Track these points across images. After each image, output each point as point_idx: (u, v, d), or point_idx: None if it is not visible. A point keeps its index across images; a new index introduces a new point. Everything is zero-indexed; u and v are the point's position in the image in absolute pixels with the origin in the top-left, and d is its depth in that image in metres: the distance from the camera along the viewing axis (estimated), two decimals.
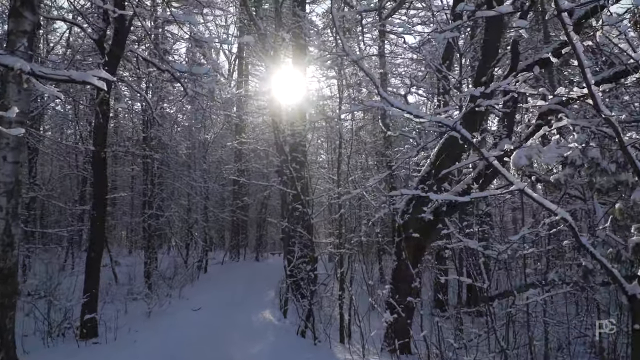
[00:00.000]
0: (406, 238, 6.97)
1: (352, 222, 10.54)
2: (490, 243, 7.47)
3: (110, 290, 12.40)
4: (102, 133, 7.99)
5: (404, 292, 7.24)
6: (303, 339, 8.58)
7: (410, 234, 7.01)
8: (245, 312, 10.77)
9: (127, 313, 10.71)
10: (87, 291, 7.84)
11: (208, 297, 12.37)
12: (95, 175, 8.02)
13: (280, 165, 11.80)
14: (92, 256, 7.94)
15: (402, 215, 7.21)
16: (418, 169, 8.85)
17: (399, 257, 7.37)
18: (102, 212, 8.07)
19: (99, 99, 7.85)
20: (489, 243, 7.39)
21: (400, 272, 7.34)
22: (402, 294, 7.19)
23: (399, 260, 7.33)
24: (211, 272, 16.99)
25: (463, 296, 11.94)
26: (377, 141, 15.53)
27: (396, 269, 7.41)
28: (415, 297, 7.24)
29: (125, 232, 23.85)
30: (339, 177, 9.07)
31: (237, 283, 14.69)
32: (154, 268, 14.59)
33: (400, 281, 7.31)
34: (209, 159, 17.07)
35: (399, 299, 7.11)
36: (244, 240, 22.19)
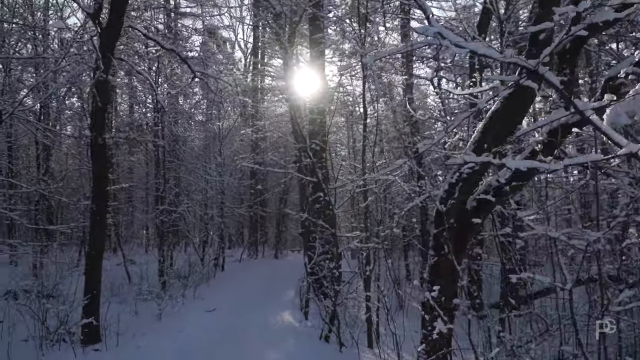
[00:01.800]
0: (448, 229, 5.96)
1: (378, 214, 9.56)
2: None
3: (121, 290, 11.74)
4: (101, 117, 7.21)
5: (446, 292, 6.23)
6: (327, 344, 7.67)
7: (453, 225, 5.99)
8: (263, 313, 9.91)
9: (137, 314, 9.99)
10: (88, 293, 7.08)
11: (224, 296, 11.58)
12: (93, 164, 7.25)
13: (299, 153, 10.89)
14: (92, 254, 7.18)
15: (442, 202, 6.21)
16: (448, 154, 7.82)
17: (438, 251, 6.36)
18: (103, 206, 7.30)
19: (96, 80, 7.06)
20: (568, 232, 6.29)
21: (440, 268, 6.32)
22: (443, 295, 6.18)
23: (438, 255, 6.32)
24: (228, 270, 16.23)
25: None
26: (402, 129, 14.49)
27: (435, 266, 6.40)
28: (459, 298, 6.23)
29: (144, 229, 23.37)
30: (364, 165, 8.11)
31: (255, 282, 13.88)
32: (169, 266, 13.90)
33: (441, 279, 6.30)
34: (224, 152, 16.26)
35: (439, 300, 6.11)
36: (262, 237, 21.39)
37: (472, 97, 9.66)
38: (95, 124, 7.18)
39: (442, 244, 6.30)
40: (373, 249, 8.18)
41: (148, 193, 18.64)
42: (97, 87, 7.10)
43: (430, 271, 6.69)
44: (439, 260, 6.43)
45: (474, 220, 6.65)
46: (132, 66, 7.74)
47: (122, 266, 13.83)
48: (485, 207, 6.49)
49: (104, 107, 7.28)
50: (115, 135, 7.76)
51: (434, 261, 6.53)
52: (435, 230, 6.54)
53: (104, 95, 7.24)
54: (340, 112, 15.17)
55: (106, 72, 7.23)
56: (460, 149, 8.06)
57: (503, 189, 6.12)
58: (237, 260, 18.32)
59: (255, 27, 20.49)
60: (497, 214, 7.91)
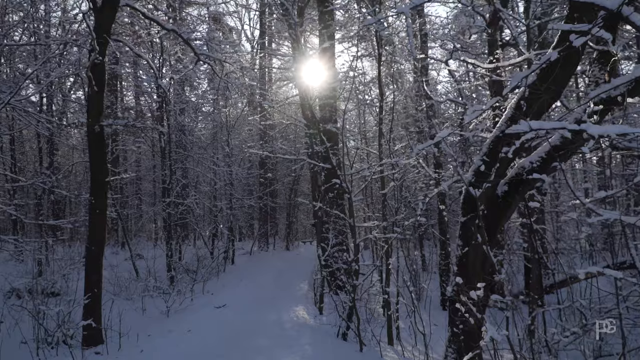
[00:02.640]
0: (479, 216, 5.38)
1: (395, 202, 8.97)
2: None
3: (129, 286, 11.33)
4: (97, 103, 6.68)
5: (476, 285, 5.64)
6: (345, 342, 7.13)
7: (483, 211, 5.42)
8: (276, 308, 9.41)
9: (145, 312, 9.56)
10: (88, 292, 6.60)
11: (234, 291, 11.10)
12: (91, 153, 6.74)
13: (310, 140, 10.32)
14: (92, 250, 6.69)
15: (471, 186, 5.62)
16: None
17: (467, 241, 5.79)
18: (102, 199, 6.80)
19: (91, 63, 6.52)
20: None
21: (470, 259, 5.76)
22: (472, 288, 5.60)
23: (468, 245, 5.75)
24: (238, 263, 15.77)
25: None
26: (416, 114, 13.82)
27: (464, 256, 5.83)
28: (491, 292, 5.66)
29: (153, 223, 23.02)
30: (381, 150, 7.51)
31: (267, 275, 13.39)
32: (177, 261, 13.48)
33: (471, 271, 5.73)
34: (232, 142, 15.72)
35: (469, 295, 5.53)
36: (273, 229, 20.90)
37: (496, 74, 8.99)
38: (91, 110, 6.66)
39: (472, 233, 5.74)
40: (393, 240, 7.61)
41: (155, 186, 18.23)
42: (93, 70, 6.56)
43: (459, 262, 6.12)
44: (468, 251, 5.87)
45: (506, 205, 6.07)
46: (131, 47, 7.19)
47: (130, 261, 13.42)
48: (518, 192, 5.89)
49: (101, 92, 6.74)
50: (114, 122, 7.22)
51: (463, 252, 5.96)
52: (464, 218, 5.95)
53: (100, 78, 6.70)
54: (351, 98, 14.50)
55: (102, 53, 6.69)
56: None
57: (536, 171, 5.51)
58: (248, 253, 17.86)
59: (262, 13, 19.86)
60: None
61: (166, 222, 13.13)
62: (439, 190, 5.78)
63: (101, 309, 6.78)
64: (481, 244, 5.64)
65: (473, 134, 6.51)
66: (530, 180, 5.76)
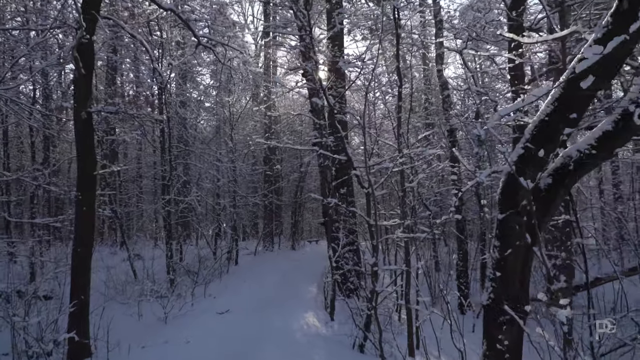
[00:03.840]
0: (520, 213, 4.63)
1: (412, 199, 8.22)
2: None
3: (125, 289, 10.63)
4: (84, 87, 5.95)
5: (515, 292, 4.91)
6: (362, 355, 6.38)
7: (525, 207, 4.66)
8: (283, 314, 8.67)
9: (142, 317, 8.84)
10: (75, 298, 5.88)
11: (238, 295, 10.38)
12: (77, 143, 6.01)
13: (320, 131, 9.60)
14: (78, 252, 5.97)
15: (510, 179, 4.88)
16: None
17: (506, 242, 5.01)
18: (90, 194, 6.08)
19: (77, 42, 5.79)
20: None
21: (509, 263, 4.99)
22: (513, 297, 4.86)
23: (507, 246, 4.98)
24: (242, 264, 15.04)
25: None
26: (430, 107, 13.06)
27: (502, 259, 5.06)
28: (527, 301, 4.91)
29: (154, 222, 22.33)
30: (399, 140, 6.75)
31: (272, 276, 12.64)
32: (178, 262, 12.77)
33: (510, 277, 4.96)
34: (236, 136, 15.00)
35: (509, 303, 4.80)
36: (278, 228, 20.15)
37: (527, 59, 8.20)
38: (78, 94, 5.94)
39: (514, 232, 4.98)
40: (415, 240, 6.87)
41: (156, 183, 17.54)
42: (80, 51, 5.83)
43: (497, 266, 5.35)
44: (508, 255, 5.11)
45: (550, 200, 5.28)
46: (123, 26, 6.47)
47: (127, 262, 12.72)
48: (564, 184, 5.12)
49: (89, 75, 6.02)
50: (103, 108, 6.50)
51: (500, 256, 5.19)
52: (503, 215, 5.18)
53: (87, 60, 5.98)
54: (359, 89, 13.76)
55: (90, 32, 5.97)
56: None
57: (585, 161, 4.74)
58: (252, 253, 17.14)
59: (266, 4, 19.10)
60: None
61: (166, 220, 12.43)
62: (474, 182, 5.03)
63: (89, 317, 6.05)
64: (523, 246, 4.90)
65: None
66: (577, 171, 5.01)
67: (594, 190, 13.09)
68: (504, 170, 5.15)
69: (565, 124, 4.69)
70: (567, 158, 4.94)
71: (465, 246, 11.13)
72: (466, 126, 10.18)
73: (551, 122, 4.81)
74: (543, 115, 4.84)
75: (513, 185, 5.09)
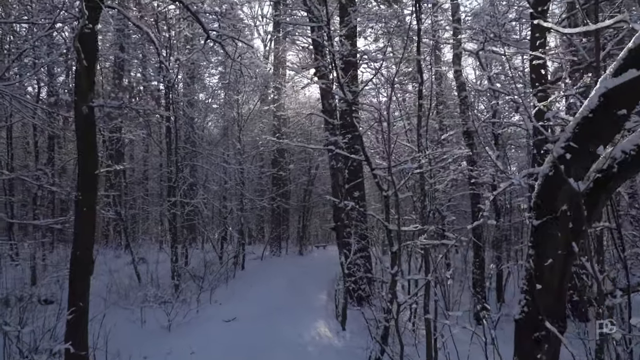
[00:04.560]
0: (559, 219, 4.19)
1: (429, 203, 7.77)
2: None
3: (128, 294, 10.26)
4: (86, 80, 5.60)
5: (554, 309, 4.46)
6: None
7: (565, 212, 4.22)
8: (293, 323, 8.25)
9: (145, 324, 8.45)
10: (73, 305, 5.49)
11: (245, 301, 9.97)
12: (78, 140, 5.66)
13: (333, 131, 9.22)
14: (77, 255, 5.58)
15: (548, 182, 4.45)
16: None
17: (542, 251, 4.57)
18: (91, 194, 5.70)
19: (79, 31, 5.44)
20: None
21: (545, 275, 4.54)
22: (550, 312, 4.41)
23: (543, 255, 4.54)
24: (249, 269, 14.62)
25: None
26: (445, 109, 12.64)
27: (537, 271, 4.61)
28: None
29: (159, 224, 22.00)
30: (420, 140, 6.34)
31: (280, 282, 12.21)
32: (183, 266, 12.38)
33: (546, 289, 4.51)
34: (244, 138, 14.64)
35: (545, 318, 4.35)
36: (285, 232, 19.71)
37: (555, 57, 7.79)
38: (79, 88, 5.59)
39: (551, 240, 4.54)
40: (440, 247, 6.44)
41: (162, 186, 17.21)
42: (82, 40, 5.48)
43: (531, 277, 4.90)
44: (544, 263, 4.67)
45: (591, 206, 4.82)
46: (128, 17, 6.15)
47: (132, 266, 12.36)
48: (607, 188, 4.67)
49: (91, 67, 5.67)
50: (106, 103, 6.15)
51: (538, 264, 4.75)
52: (539, 221, 4.74)
53: (90, 51, 5.64)
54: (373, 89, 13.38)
55: (93, 20, 5.62)
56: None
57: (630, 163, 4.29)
58: (259, 258, 16.72)
59: (277, 4, 18.79)
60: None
61: (171, 223, 12.06)
62: (509, 184, 4.60)
63: (87, 326, 5.66)
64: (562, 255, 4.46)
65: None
66: (621, 174, 4.56)
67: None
68: (540, 172, 4.72)
69: (612, 121, 4.26)
70: (611, 160, 4.50)
71: (482, 254, 10.66)
72: (485, 128, 9.76)
73: (596, 120, 4.36)
74: (587, 112, 4.39)
75: (551, 188, 4.65)
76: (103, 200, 14.10)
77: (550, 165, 4.66)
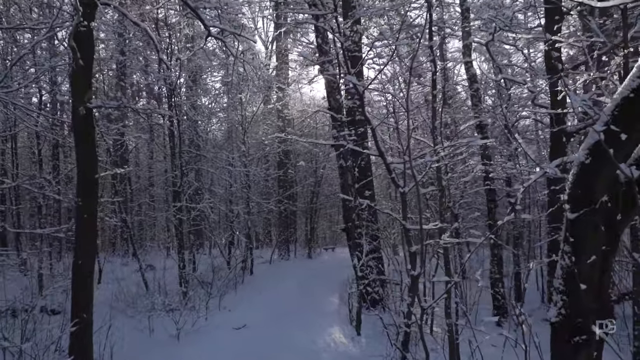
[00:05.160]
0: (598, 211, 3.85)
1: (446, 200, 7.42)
2: None
3: (136, 302, 9.98)
4: (83, 80, 5.35)
5: (595, 309, 4.12)
6: None
7: (606, 204, 3.88)
8: (305, 329, 7.93)
9: (153, 333, 8.17)
10: (76, 317, 5.22)
11: (254, 307, 9.67)
12: (76, 142, 5.39)
13: (340, 128, 8.92)
14: (79, 264, 5.32)
15: (584, 170, 4.12)
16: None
17: (578, 247, 4.23)
18: (92, 200, 5.43)
19: (74, 29, 5.19)
20: None
21: (584, 274, 4.20)
22: (591, 313, 4.07)
23: (580, 252, 4.19)
24: (257, 273, 14.33)
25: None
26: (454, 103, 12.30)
27: (574, 269, 4.27)
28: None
29: (166, 230, 21.78)
30: (434, 134, 6.01)
31: (290, 286, 11.91)
32: (191, 272, 12.10)
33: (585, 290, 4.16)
34: (249, 140, 14.36)
35: (585, 320, 4.01)
36: (292, 235, 19.40)
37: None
38: (76, 88, 5.33)
39: (590, 234, 4.20)
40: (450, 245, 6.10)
41: (167, 191, 16.98)
42: (77, 39, 5.22)
43: (568, 276, 4.54)
44: (582, 259, 4.32)
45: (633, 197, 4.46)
46: (125, 13, 5.90)
47: (139, 273, 12.09)
48: None
49: (88, 66, 5.42)
50: (105, 103, 5.88)
51: (574, 261, 4.39)
52: (574, 215, 4.38)
53: (86, 50, 5.38)
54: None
55: (88, 18, 5.37)
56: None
57: None
58: (267, 262, 16.43)
59: (277, 5, 18.54)
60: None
61: (177, 229, 11.79)
62: (540, 174, 4.26)
63: (92, 338, 5.39)
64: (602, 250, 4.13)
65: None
66: None
67: None
68: (575, 160, 4.38)
69: None
70: None
71: (500, 252, 10.27)
72: (498, 120, 9.41)
73: (638, 100, 4.02)
74: (627, 92, 4.05)
75: (588, 178, 4.29)
76: (108, 208, 13.88)
77: (586, 152, 4.30)
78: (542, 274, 12.60)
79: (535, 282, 12.66)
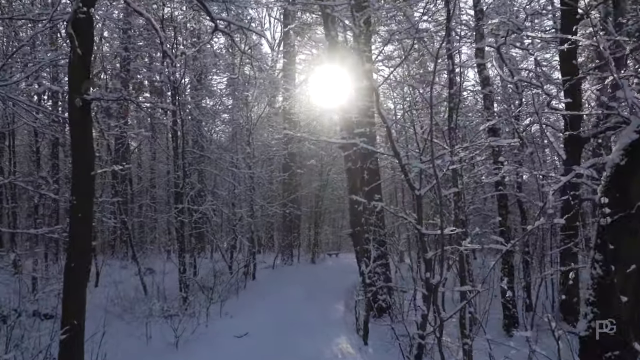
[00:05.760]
0: (633, 217, 3.52)
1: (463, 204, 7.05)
2: None
3: (133, 307, 9.62)
4: (81, 70, 5.02)
5: (629, 324, 3.79)
6: None
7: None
8: (311, 338, 7.56)
9: (150, 340, 7.79)
10: (67, 324, 4.85)
11: (257, 314, 9.30)
12: (72, 136, 5.07)
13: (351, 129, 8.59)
14: (72, 267, 4.96)
15: (619, 172, 3.79)
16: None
17: (612, 256, 3.89)
18: (87, 199, 5.09)
19: (72, 15, 4.88)
20: None
21: (619, 284, 3.86)
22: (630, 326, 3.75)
23: (614, 260, 3.86)
24: (260, 279, 13.96)
25: None
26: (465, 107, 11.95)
27: (607, 279, 3.93)
28: None
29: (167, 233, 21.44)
30: (451, 135, 5.67)
31: (294, 293, 11.54)
32: (192, 276, 11.74)
33: (620, 302, 3.82)
34: (254, 142, 14.05)
35: (614, 335, 3.69)
36: (296, 240, 19.03)
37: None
38: (73, 78, 5.01)
39: (626, 241, 3.85)
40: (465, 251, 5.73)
41: (169, 193, 16.66)
42: (76, 26, 4.92)
43: (600, 287, 4.18)
44: (618, 269, 3.96)
45: None
46: (128, 2, 5.63)
47: (138, 276, 11.74)
48: None
49: (87, 55, 5.10)
50: (104, 96, 5.57)
51: (607, 270, 4.03)
52: (609, 220, 4.04)
53: (85, 38, 5.06)
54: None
55: (87, 3, 5.05)
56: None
57: None
58: (270, 267, 16.07)
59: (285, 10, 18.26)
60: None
61: (179, 231, 11.45)
62: (571, 175, 3.92)
63: (83, 347, 5.03)
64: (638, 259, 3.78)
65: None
66: None
67: None
68: (609, 161, 4.02)
69: None
70: None
71: (511, 259, 9.88)
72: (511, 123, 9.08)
73: None
74: None
75: (624, 180, 3.94)
76: (107, 208, 13.55)
77: (621, 152, 3.94)
78: (552, 282, 12.21)
79: (545, 290, 12.26)
